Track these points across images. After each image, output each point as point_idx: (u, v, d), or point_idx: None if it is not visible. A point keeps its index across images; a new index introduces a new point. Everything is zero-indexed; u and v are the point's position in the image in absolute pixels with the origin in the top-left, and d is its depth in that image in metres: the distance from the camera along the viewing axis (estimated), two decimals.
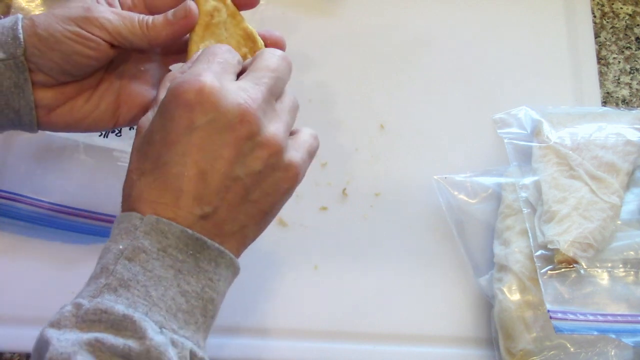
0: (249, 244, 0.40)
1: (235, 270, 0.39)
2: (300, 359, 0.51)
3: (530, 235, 0.51)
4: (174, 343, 0.33)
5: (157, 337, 0.33)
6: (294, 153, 0.39)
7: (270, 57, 0.40)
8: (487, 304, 0.52)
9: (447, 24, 0.63)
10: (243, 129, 0.36)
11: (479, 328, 0.52)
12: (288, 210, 0.54)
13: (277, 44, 0.44)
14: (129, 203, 0.37)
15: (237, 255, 0.39)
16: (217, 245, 0.37)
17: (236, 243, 0.39)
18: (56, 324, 0.33)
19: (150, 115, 0.38)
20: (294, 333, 0.51)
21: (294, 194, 0.55)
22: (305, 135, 0.41)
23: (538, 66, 0.62)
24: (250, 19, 0.59)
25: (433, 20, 0.63)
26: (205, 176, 0.36)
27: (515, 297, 0.49)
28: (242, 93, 0.36)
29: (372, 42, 0.61)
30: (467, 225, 0.55)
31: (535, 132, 0.56)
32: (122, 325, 0.32)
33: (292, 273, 0.53)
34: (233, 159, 0.36)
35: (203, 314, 0.36)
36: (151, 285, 0.34)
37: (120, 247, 0.35)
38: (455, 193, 0.55)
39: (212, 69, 0.37)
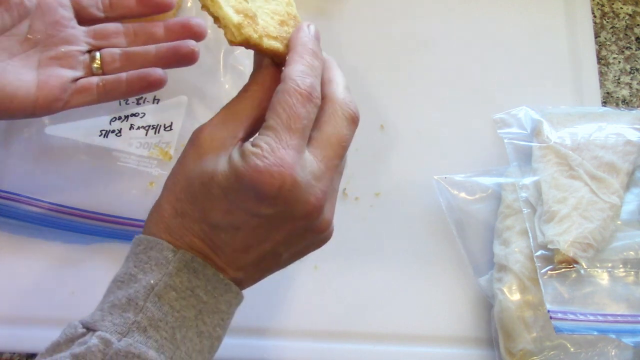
0: None
1: (239, 304, 0.38)
2: (300, 359, 0.51)
3: (530, 235, 0.51)
4: None
5: None
6: (331, 214, 0.38)
7: (343, 123, 0.37)
8: (487, 304, 0.52)
9: (447, 24, 0.63)
10: (303, 221, 0.35)
11: (479, 328, 0.52)
12: None
13: None
14: (157, 229, 0.36)
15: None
16: (238, 289, 0.37)
17: (251, 285, 0.39)
18: (82, 358, 0.32)
19: (221, 161, 0.35)
20: (294, 333, 0.51)
21: None
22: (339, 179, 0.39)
23: (538, 66, 0.62)
24: None
25: (433, 20, 0.63)
26: (248, 250, 0.36)
27: (515, 297, 0.49)
28: (315, 187, 0.35)
29: (372, 42, 0.61)
30: (467, 225, 0.55)
31: (535, 132, 0.56)
32: None
33: (292, 273, 0.53)
34: (282, 241, 0.36)
35: (210, 351, 0.36)
36: (177, 327, 0.34)
37: (152, 281, 0.34)
38: (455, 193, 0.55)
39: (294, 152, 0.34)
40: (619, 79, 0.63)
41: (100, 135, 0.54)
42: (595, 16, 0.65)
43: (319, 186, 0.35)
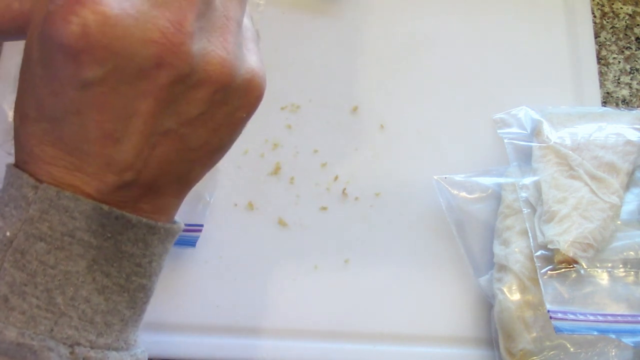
0: (194, 185, 0.30)
1: (174, 235, 0.30)
2: (300, 359, 0.51)
3: (530, 235, 0.51)
4: None
5: None
6: (251, 61, 0.27)
7: None
8: (487, 304, 0.52)
9: (447, 24, 0.63)
10: (164, 73, 0.24)
11: (479, 328, 0.52)
12: (288, 211, 0.54)
13: None
14: (19, 153, 0.27)
15: (177, 208, 0.30)
16: (145, 221, 0.27)
17: (174, 197, 0.29)
18: None
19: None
20: (293, 333, 0.51)
21: (294, 194, 0.55)
22: (246, 23, 0.29)
23: (538, 66, 0.62)
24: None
25: (433, 20, 0.63)
26: (116, 138, 0.25)
27: (515, 297, 0.49)
28: (157, 18, 0.24)
29: (372, 42, 0.61)
30: (467, 225, 0.55)
31: (535, 132, 0.56)
32: (19, 355, 0.24)
33: (292, 273, 0.53)
34: (156, 112, 0.25)
35: (131, 306, 0.28)
36: (56, 288, 0.25)
37: (8, 233, 0.25)
38: (455, 193, 0.55)
39: None
40: (619, 79, 0.63)
41: None
42: (595, 16, 0.65)
43: (165, 16, 0.24)
